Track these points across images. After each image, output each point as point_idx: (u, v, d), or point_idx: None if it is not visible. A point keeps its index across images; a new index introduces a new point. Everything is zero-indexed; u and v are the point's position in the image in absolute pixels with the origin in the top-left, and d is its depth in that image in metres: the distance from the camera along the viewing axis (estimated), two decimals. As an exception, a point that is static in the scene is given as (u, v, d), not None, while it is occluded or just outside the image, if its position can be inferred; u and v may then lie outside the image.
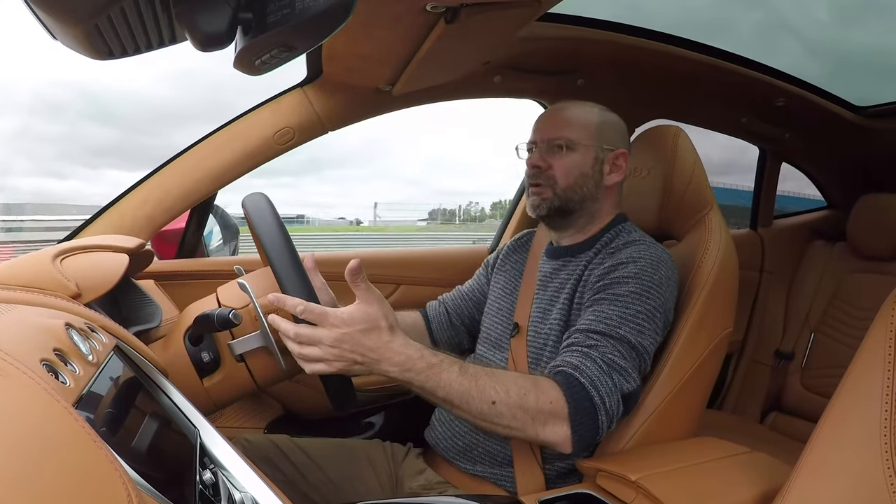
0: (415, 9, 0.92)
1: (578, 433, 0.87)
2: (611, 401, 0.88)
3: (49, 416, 0.38)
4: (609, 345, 0.91)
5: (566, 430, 0.86)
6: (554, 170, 1.08)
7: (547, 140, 1.10)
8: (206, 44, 0.60)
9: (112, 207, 1.35)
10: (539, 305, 1.10)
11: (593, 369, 0.89)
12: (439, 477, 1.10)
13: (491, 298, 1.24)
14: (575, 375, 0.89)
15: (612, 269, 0.99)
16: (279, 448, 1.13)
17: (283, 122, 1.41)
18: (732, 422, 2.06)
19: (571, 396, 0.87)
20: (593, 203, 1.10)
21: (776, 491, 0.72)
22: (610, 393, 0.88)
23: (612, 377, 0.89)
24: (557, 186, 1.08)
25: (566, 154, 1.08)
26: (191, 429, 0.62)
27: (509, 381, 0.87)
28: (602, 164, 1.09)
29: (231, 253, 1.79)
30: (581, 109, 1.12)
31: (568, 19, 1.38)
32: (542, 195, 1.09)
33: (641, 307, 0.94)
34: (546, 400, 0.86)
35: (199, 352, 0.90)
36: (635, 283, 0.95)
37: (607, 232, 1.10)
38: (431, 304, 1.35)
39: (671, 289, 1.00)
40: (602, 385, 0.88)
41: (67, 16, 0.58)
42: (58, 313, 0.62)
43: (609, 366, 0.90)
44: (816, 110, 1.88)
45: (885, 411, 0.65)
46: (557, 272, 1.11)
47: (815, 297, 2.10)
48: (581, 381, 0.88)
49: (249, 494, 0.57)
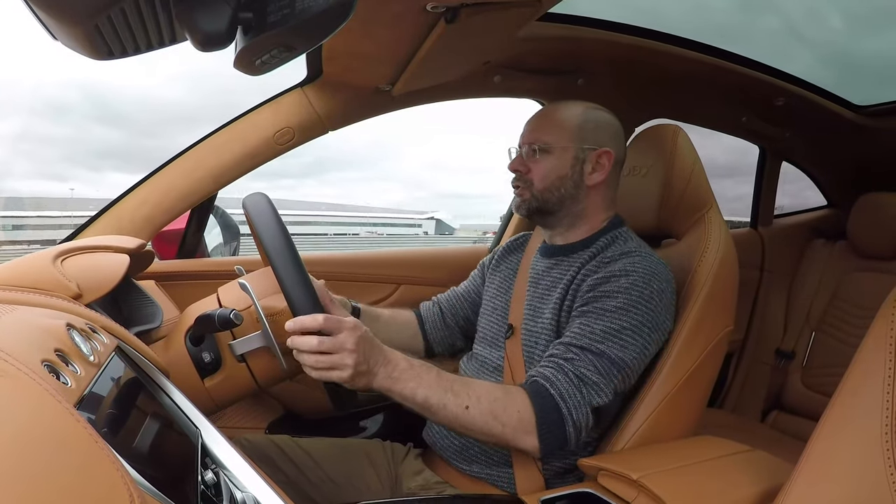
0: (415, 9, 0.92)
1: (546, 442, 0.91)
2: (578, 413, 0.91)
3: (50, 417, 0.38)
4: (586, 359, 0.93)
5: (534, 439, 0.90)
6: (532, 174, 1.10)
7: (527, 144, 1.12)
8: (206, 44, 0.60)
9: (112, 208, 1.35)
10: (530, 303, 1.11)
11: (564, 382, 0.92)
12: (437, 477, 1.10)
13: (486, 298, 1.24)
14: (546, 387, 0.92)
15: (604, 280, 0.99)
16: (280, 448, 1.13)
17: (284, 122, 1.41)
18: (733, 421, 2.06)
19: (540, 408, 0.91)
20: (575, 203, 1.10)
21: (777, 489, 0.72)
22: (578, 406, 0.91)
23: (581, 391, 0.92)
24: (534, 188, 1.10)
25: (542, 158, 1.09)
26: (192, 429, 0.62)
27: (482, 390, 0.91)
28: (583, 163, 1.09)
29: (231, 253, 1.79)
30: (564, 111, 1.12)
31: (568, 19, 1.39)
32: (522, 196, 1.12)
33: (627, 322, 0.95)
34: (514, 409, 0.90)
35: (200, 352, 0.90)
36: (624, 297, 0.96)
37: (603, 236, 1.10)
38: (425, 304, 1.36)
39: (665, 301, 1.00)
40: (570, 398, 0.91)
41: (67, 16, 0.58)
42: (59, 314, 0.62)
43: (580, 379, 0.92)
44: (816, 109, 1.88)
45: (886, 410, 0.65)
46: (549, 270, 1.12)
47: (815, 295, 2.10)
48: (551, 392, 0.91)
49: (251, 494, 0.57)
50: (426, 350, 1.33)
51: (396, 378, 0.88)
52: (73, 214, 30.61)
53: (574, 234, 1.12)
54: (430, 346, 1.33)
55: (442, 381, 0.90)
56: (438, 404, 0.88)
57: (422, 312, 1.34)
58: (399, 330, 1.29)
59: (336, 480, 1.11)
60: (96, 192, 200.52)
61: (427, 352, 1.33)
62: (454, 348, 1.34)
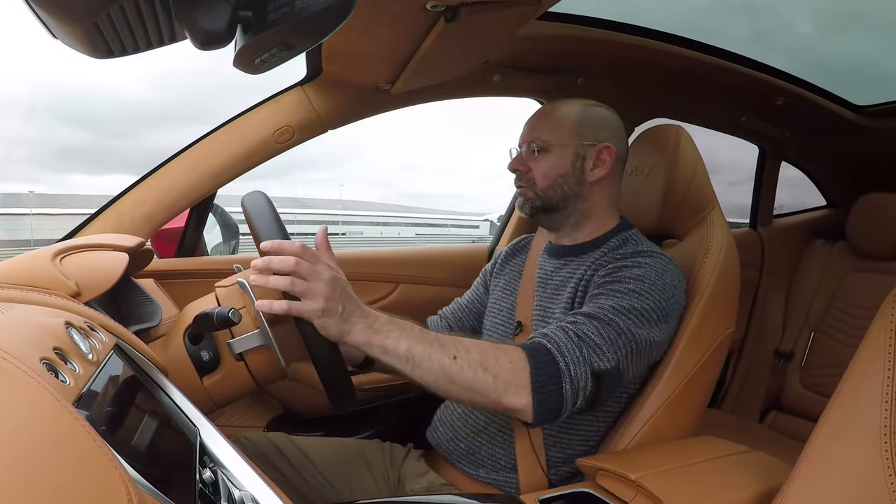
0: (415, 7, 0.92)
1: (540, 398, 0.83)
2: (577, 370, 0.85)
3: (49, 415, 0.38)
4: (590, 323, 0.89)
5: (527, 395, 0.83)
6: (533, 172, 1.10)
7: (526, 143, 1.12)
8: (206, 42, 0.60)
9: (111, 206, 1.35)
10: (540, 303, 1.10)
11: (562, 337, 0.87)
12: (442, 479, 1.09)
13: (491, 301, 1.24)
14: (542, 342, 0.87)
15: (616, 269, 0.99)
16: (277, 447, 1.13)
17: (283, 120, 1.41)
18: (732, 421, 2.06)
19: (534, 359, 0.85)
20: (580, 201, 1.10)
21: (776, 490, 0.72)
22: (577, 362, 0.85)
23: (581, 349, 0.86)
24: (537, 187, 1.10)
25: (542, 156, 1.09)
26: (190, 427, 0.62)
27: (470, 343, 0.85)
28: (584, 160, 1.08)
29: (230, 251, 1.79)
30: (562, 108, 1.11)
31: (568, 18, 1.38)
32: (526, 195, 1.12)
33: (637, 303, 0.92)
34: (507, 360, 0.84)
35: (198, 350, 0.90)
36: (636, 283, 0.95)
37: (613, 237, 1.09)
38: (432, 320, 1.34)
39: (676, 297, 0.98)
40: (569, 353, 0.86)
41: (67, 14, 0.58)
42: (58, 312, 0.62)
43: (580, 338, 0.87)
44: (816, 109, 1.88)
45: (885, 410, 0.65)
46: (558, 270, 1.11)
47: (814, 296, 2.11)
48: (547, 346, 0.86)
49: (249, 493, 0.57)
50: None
51: (377, 329, 0.82)
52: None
53: (581, 234, 1.12)
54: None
55: (427, 334, 0.84)
56: (423, 354, 0.82)
57: (430, 328, 1.33)
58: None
59: (332, 483, 1.11)
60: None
61: None
62: None
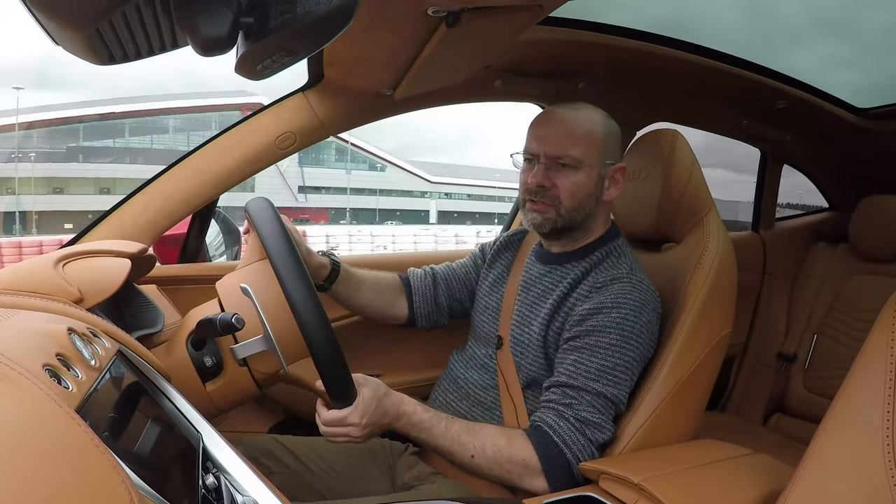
0: (416, 13, 0.92)
1: (553, 479, 0.94)
2: (583, 453, 0.94)
3: (51, 421, 0.38)
4: (584, 401, 0.96)
5: (543, 482, 0.94)
6: (559, 189, 1.03)
7: (553, 157, 1.04)
8: (208, 48, 0.60)
9: (114, 212, 1.35)
10: (519, 310, 1.11)
11: (566, 429, 0.95)
12: (431, 468, 1.09)
13: (479, 294, 1.24)
14: (549, 434, 0.95)
15: (595, 310, 0.99)
16: (282, 444, 1.13)
17: (285, 126, 1.41)
18: (735, 424, 2.05)
19: (544, 455, 0.94)
20: (590, 219, 1.09)
21: (779, 492, 0.72)
22: (582, 450, 0.94)
23: (584, 434, 0.95)
24: (562, 207, 1.04)
25: (571, 173, 1.03)
26: (193, 433, 0.62)
27: (486, 438, 0.96)
28: (603, 179, 1.07)
29: (233, 258, 1.79)
30: (586, 121, 1.06)
31: (569, 23, 1.38)
32: (545, 214, 1.05)
33: (620, 359, 0.97)
34: (519, 457, 0.94)
35: (201, 356, 0.90)
36: (616, 334, 0.97)
37: (599, 248, 1.09)
38: (416, 273, 1.30)
39: (652, 331, 1.02)
40: (574, 444, 0.94)
41: (69, 20, 0.58)
42: (60, 318, 0.62)
43: (582, 423, 0.95)
44: (817, 112, 1.88)
45: (887, 413, 0.65)
46: (541, 277, 1.11)
47: (817, 298, 2.10)
48: (554, 439, 0.94)
49: (252, 498, 0.57)
50: (408, 320, 1.29)
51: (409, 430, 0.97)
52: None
53: (573, 245, 1.12)
54: (413, 318, 1.28)
55: (449, 433, 0.96)
56: (447, 454, 0.97)
57: (411, 281, 1.29)
58: (378, 296, 1.25)
59: (339, 471, 1.12)
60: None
61: (408, 322, 1.29)
62: (436, 325, 1.31)
